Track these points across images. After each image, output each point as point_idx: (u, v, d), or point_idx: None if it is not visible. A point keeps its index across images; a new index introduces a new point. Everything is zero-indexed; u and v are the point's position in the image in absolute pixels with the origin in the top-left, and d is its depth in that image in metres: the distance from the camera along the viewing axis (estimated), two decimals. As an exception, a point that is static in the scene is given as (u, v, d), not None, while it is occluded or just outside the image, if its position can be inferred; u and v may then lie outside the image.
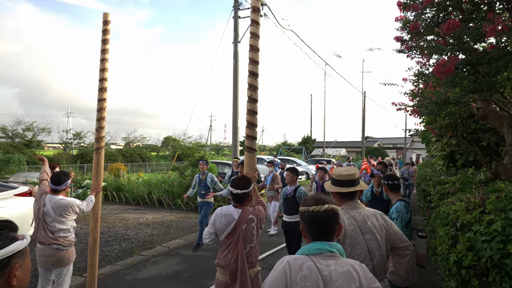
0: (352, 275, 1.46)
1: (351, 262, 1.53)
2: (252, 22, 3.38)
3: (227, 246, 2.88)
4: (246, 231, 2.87)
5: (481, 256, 1.99)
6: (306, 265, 1.47)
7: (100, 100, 3.94)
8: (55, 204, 3.60)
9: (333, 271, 1.45)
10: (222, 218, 2.90)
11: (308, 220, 1.61)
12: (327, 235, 1.58)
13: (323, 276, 1.44)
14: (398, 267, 2.32)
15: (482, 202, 2.46)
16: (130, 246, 7.02)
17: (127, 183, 13.15)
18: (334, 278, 1.44)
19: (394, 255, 2.33)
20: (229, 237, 2.87)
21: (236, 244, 2.84)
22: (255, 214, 2.95)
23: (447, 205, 2.90)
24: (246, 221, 2.87)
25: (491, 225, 2.06)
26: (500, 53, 2.96)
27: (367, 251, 2.16)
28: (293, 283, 1.43)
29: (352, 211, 2.28)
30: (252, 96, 3.34)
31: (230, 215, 2.89)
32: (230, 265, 2.81)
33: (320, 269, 1.45)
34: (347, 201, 2.34)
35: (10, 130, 37.03)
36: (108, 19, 3.99)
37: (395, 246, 2.28)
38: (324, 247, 1.53)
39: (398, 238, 2.29)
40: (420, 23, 4.79)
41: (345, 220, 2.19)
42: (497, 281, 1.86)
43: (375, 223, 2.25)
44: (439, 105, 4.06)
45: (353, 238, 2.16)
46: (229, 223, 2.86)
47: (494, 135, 5.82)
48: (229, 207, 2.99)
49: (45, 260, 3.62)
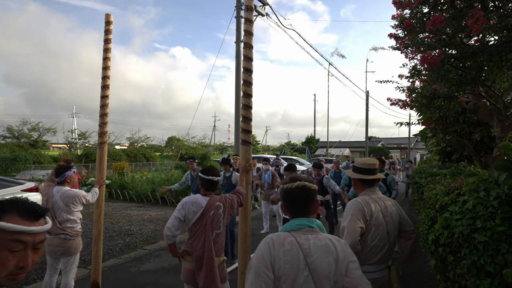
0: (330, 248, 1.58)
1: (329, 237, 1.66)
2: (246, 20, 3.50)
3: (195, 233, 2.97)
4: (214, 217, 2.97)
5: (454, 233, 2.15)
6: (287, 240, 1.58)
7: (103, 97, 4.09)
8: (63, 194, 3.75)
9: (312, 245, 1.57)
10: (191, 205, 2.98)
11: (283, 196, 1.76)
12: (303, 211, 1.70)
13: (303, 249, 1.56)
14: (403, 248, 2.57)
15: (460, 186, 2.61)
16: (133, 241, 7.19)
17: (131, 181, 13.37)
18: (313, 251, 1.56)
19: (400, 237, 2.57)
20: (197, 224, 2.95)
21: (203, 231, 2.93)
22: (222, 201, 3.04)
23: (430, 191, 3.06)
24: (213, 208, 2.97)
25: (465, 205, 2.21)
26: (483, 47, 3.09)
27: (387, 232, 2.40)
28: (277, 258, 1.54)
29: (373, 195, 2.52)
30: (247, 91, 3.46)
31: (198, 203, 2.98)
32: (197, 251, 2.90)
33: (300, 243, 1.57)
34: (368, 187, 2.57)
35: (16, 130, 37.44)
36: (110, 19, 4.15)
37: (403, 229, 2.52)
38: (304, 222, 1.65)
39: (407, 222, 2.54)
40: (414, 21, 4.93)
41: (371, 203, 2.42)
42: (467, 255, 2.01)
43: (392, 207, 2.50)
44: (429, 99, 4.19)
45: (377, 219, 2.39)
46: (198, 210, 2.95)
47: (486, 130, 5.93)
48: (196, 195, 3.07)
49: (53, 249, 3.77)
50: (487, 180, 2.30)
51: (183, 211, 2.98)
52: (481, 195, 2.11)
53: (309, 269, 1.52)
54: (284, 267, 1.52)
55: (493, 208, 2.00)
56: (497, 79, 4.43)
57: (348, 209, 2.45)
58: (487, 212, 2.03)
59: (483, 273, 1.96)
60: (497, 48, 3.56)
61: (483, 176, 2.36)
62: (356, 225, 2.30)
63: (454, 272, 2.24)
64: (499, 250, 1.86)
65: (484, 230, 1.96)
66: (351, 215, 2.36)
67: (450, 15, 4.23)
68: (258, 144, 51.44)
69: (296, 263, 1.53)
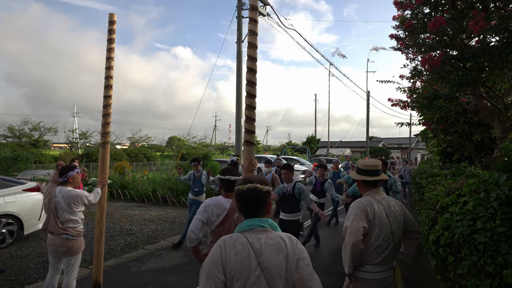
0: (281, 246, 1.62)
1: (281, 235, 1.68)
2: (250, 20, 3.51)
3: (218, 235, 2.92)
4: (238, 220, 2.89)
5: (454, 233, 2.16)
6: (239, 241, 1.62)
7: (106, 96, 4.10)
8: (65, 194, 3.76)
9: (263, 244, 1.61)
10: (214, 207, 2.96)
11: (236, 198, 1.80)
12: (254, 212, 1.74)
13: (255, 249, 1.59)
14: (408, 248, 2.60)
15: (461, 186, 2.63)
16: (134, 240, 7.21)
17: (132, 181, 13.38)
18: (264, 250, 1.59)
19: (406, 238, 2.60)
20: (220, 227, 2.93)
21: (227, 233, 2.92)
22: None
23: (431, 192, 3.07)
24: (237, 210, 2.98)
25: (466, 205, 2.22)
26: (483, 48, 3.09)
27: (391, 232, 2.42)
28: (228, 259, 1.57)
29: (377, 196, 2.54)
30: (251, 92, 3.46)
31: (221, 205, 2.96)
32: None
33: (251, 243, 1.61)
34: (371, 188, 2.60)
35: (18, 130, 37.50)
36: (114, 19, 4.14)
37: (408, 230, 2.56)
38: (255, 223, 1.69)
39: (412, 223, 2.57)
40: (414, 21, 4.94)
41: (374, 204, 2.45)
42: (467, 255, 2.03)
43: (396, 207, 2.53)
44: (430, 99, 4.19)
45: (381, 219, 2.42)
46: (221, 213, 2.93)
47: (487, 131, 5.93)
48: (218, 197, 3.06)
49: (55, 249, 3.78)
50: (488, 181, 2.31)
51: (206, 214, 2.97)
52: (482, 196, 2.13)
53: (260, 268, 1.56)
54: (235, 267, 1.56)
55: (493, 209, 2.01)
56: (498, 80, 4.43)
57: (351, 209, 2.48)
58: (487, 213, 2.04)
59: (483, 273, 1.97)
60: (498, 49, 3.57)
61: (484, 177, 2.37)
62: (358, 225, 2.33)
63: (455, 273, 2.26)
64: (499, 251, 1.88)
65: (484, 231, 1.98)
66: (354, 215, 2.39)
67: (451, 16, 4.24)
68: (259, 144, 51.44)
69: (247, 263, 1.57)
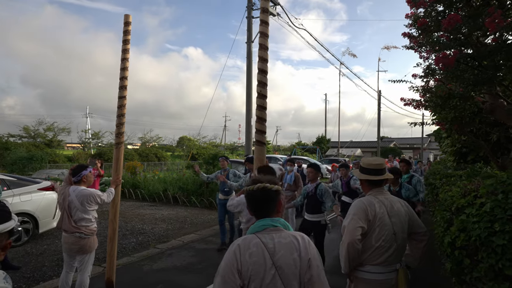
0: (294, 245, 1.62)
1: (294, 234, 1.68)
2: (261, 22, 3.53)
3: None
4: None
5: (471, 236, 2.11)
6: (253, 242, 1.62)
7: (120, 97, 4.16)
8: (79, 193, 3.82)
9: (276, 243, 1.61)
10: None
11: (247, 198, 1.78)
12: (266, 211, 1.72)
13: (269, 248, 1.59)
14: (414, 251, 2.54)
15: (477, 187, 2.57)
16: (146, 239, 7.28)
17: (143, 180, 13.52)
18: (278, 249, 1.59)
19: (412, 240, 2.54)
20: None
21: None
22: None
23: (446, 193, 3.01)
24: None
25: (483, 207, 2.17)
26: (500, 46, 3.03)
27: (393, 233, 2.37)
28: (243, 262, 1.57)
29: (380, 196, 2.49)
30: (262, 92, 3.47)
31: None
32: None
33: (265, 243, 1.61)
34: (375, 188, 2.55)
35: (32, 130, 38.30)
36: (129, 20, 4.18)
37: (414, 231, 2.50)
38: (268, 222, 1.68)
39: (418, 225, 2.51)
40: (428, 19, 4.86)
41: (375, 204, 2.41)
42: (485, 258, 1.98)
43: (401, 208, 2.47)
44: (444, 99, 4.12)
45: (382, 220, 2.37)
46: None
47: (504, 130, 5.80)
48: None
49: (69, 247, 3.85)
50: (506, 182, 2.26)
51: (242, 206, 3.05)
52: (499, 198, 2.08)
53: (275, 267, 1.56)
54: (251, 268, 1.56)
55: (512, 211, 1.96)
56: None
57: (351, 208, 2.46)
58: (505, 215, 1.99)
59: (501, 276, 1.93)
60: (515, 47, 3.48)
61: (501, 178, 2.32)
62: (356, 224, 2.30)
63: (471, 276, 2.21)
64: (518, 253, 1.83)
65: (502, 233, 1.93)
66: (353, 215, 2.37)
67: (466, 13, 4.16)
68: (269, 144, 51.35)
69: (262, 263, 1.56)
